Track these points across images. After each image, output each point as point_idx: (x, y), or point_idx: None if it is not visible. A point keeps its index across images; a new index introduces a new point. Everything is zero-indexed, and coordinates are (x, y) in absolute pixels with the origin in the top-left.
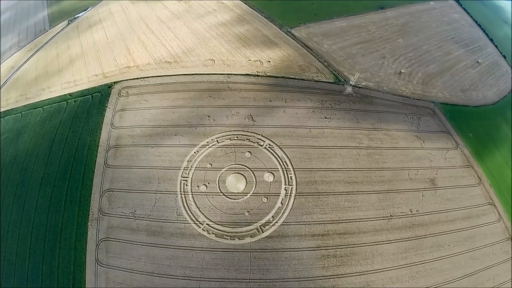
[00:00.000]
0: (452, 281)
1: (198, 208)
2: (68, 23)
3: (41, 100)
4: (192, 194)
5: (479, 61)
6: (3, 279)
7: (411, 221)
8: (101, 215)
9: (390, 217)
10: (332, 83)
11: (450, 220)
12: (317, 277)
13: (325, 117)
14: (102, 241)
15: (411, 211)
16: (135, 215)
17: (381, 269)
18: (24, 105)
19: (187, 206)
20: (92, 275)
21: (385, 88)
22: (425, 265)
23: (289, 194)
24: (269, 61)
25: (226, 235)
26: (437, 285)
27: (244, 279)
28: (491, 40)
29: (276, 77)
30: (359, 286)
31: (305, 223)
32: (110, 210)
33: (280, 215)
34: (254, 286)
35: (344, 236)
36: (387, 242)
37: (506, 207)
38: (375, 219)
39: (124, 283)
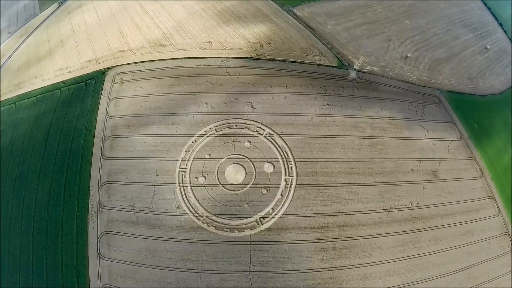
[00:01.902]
0: (447, 274)
1: (197, 200)
2: (59, 6)
3: (35, 89)
4: (191, 186)
5: (488, 47)
6: (9, 274)
7: (411, 214)
8: (100, 209)
9: (390, 210)
10: (336, 67)
11: (450, 214)
12: (316, 269)
13: (328, 104)
14: (103, 234)
15: (411, 204)
16: (135, 208)
17: (379, 262)
18: (18, 95)
19: (186, 198)
20: (95, 268)
21: (390, 73)
22: (422, 259)
23: (289, 186)
24: (269, 43)
25: (225, 228)
26: (433, 278)
27: (244, 271)
28: (501, 25)
29: (277, 60)
30: (357, 279)
31: (305, 215)
32: (109, 203)
33: (280, 207)
34: (253, 278)
35: (343, 229)
36: (386, 235)
37: (506, 201)
38: (375, 211)
39: (126, 275)
